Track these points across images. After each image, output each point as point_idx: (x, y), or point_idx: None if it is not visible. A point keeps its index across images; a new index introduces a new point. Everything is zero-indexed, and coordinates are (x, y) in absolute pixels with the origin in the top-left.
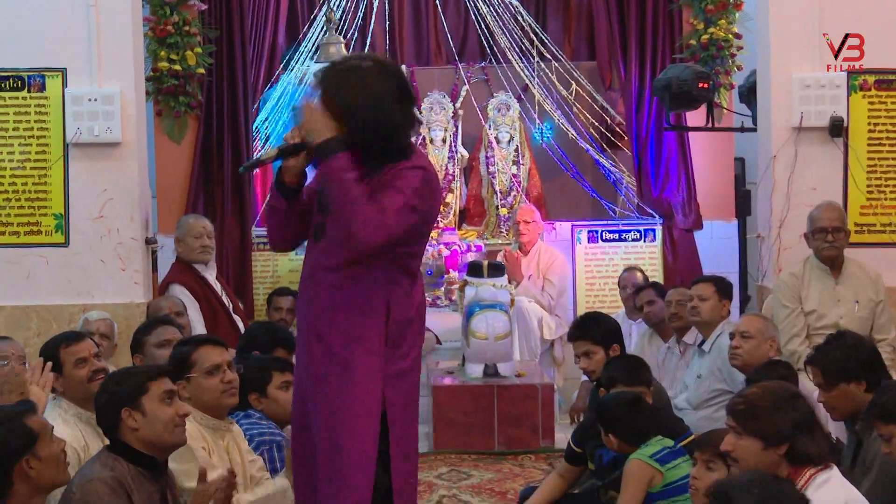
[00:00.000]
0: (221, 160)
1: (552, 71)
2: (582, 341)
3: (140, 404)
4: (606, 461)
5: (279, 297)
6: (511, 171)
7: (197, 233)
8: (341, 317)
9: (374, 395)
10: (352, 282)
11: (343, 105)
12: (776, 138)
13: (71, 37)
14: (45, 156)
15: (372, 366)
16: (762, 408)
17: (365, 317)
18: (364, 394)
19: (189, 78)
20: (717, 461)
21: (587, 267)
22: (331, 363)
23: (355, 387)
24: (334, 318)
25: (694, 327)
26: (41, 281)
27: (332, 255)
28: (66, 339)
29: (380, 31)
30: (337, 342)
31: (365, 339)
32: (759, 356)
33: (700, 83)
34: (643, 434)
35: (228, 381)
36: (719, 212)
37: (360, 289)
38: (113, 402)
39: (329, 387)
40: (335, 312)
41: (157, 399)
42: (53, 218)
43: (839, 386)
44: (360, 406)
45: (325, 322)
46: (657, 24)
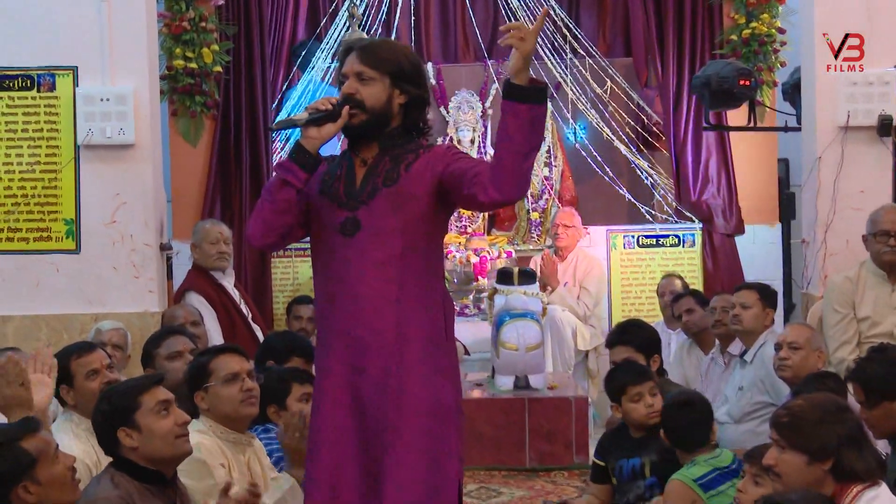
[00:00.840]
0: (239, 162)
1: (586, 68)
2: (622, 347)
3: (134, 421)
4: (626, 473)
5: (300, 305)
6: (543, 173)
7: (214, 238)
8: (403, 311)
9: (447, 394)
10: (413, 275)
11: (411, 65)
12: (821, 138)
13: (82, 34)
14: (55, 158)
15: (439, 363)
16: (807, 421)
17: (426, 309)
18: (437, 392)
19: (205, 76)
20: (765, 476)
21: (623, 274)
22: (391, 362)
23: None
24: (396, 312)
25: None
26: (51, 289)
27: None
28: (77, 349)
29: (405, 27)
30: (401, 340)
31: (429, 333)
32: (807, 368)
33: (741, 80)
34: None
35: (247, 389)
36: (762, 216)
37: (421, 282)
38: (107, 423)
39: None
40: (397, 306)
41: (152, 413)
42: (64, 223)
43: (882, 404)
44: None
45: (385, 318)
46: (696, 19)
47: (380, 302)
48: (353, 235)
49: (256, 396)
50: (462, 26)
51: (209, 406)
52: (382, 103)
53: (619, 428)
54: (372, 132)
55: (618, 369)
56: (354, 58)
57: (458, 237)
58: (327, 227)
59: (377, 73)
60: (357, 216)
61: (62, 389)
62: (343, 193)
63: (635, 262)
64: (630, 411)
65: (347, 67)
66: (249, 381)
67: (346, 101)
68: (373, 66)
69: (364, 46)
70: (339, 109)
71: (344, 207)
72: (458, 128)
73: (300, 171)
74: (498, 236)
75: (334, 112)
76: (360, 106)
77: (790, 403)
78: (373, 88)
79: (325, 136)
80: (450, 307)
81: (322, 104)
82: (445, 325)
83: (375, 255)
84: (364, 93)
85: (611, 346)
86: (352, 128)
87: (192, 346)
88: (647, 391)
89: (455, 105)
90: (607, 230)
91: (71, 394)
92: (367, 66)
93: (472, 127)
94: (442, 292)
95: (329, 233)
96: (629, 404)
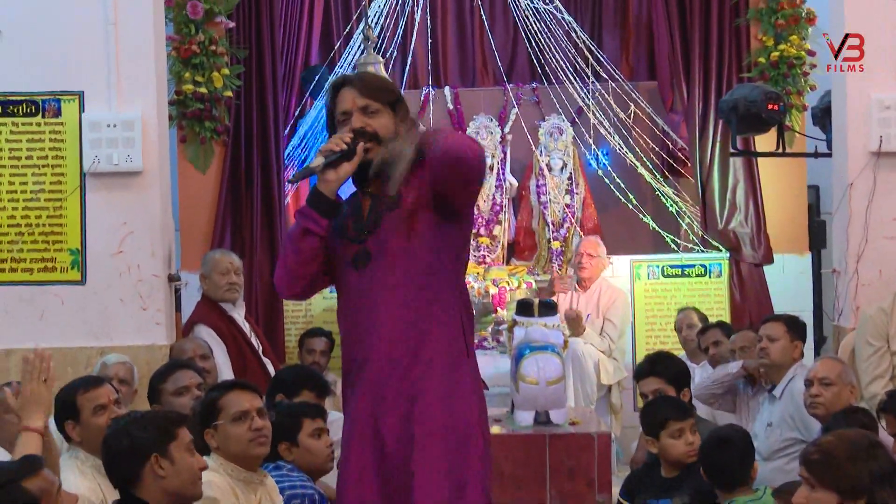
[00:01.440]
0: (250, 190)
1: (609, 92)
2: (653, 378)
3: (169, 451)
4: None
5: (312, 338)
6: (564, 200)
7: (224, 269)
8: (419, 334)
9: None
10: (425, 294)
11: (399, 92)
12: (853, 164)
13: (88, 58)
14: (60, 186)
15: (460, 381)
16: (838, 458)
17: (442, 326)
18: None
19: (216, 101)
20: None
21: (647, 305)
22: (414, 388)
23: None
24: (411, 336)
25: None
26: (56, 321)
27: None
28: (84, 384)
29: (422, 50)
30: (420, 364)
31: (449, 352)
32: (840, 404)
33: (770, 104)
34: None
35: (257, 428)
36: (791, 245)
37: (436, 301)
38: (138, 448)
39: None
40: (411, 329)
41: (184, 448)
42: (69, 254)
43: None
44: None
45: (401, 344)
46: (723, 41)
47: (394, 327)
48: (366, 267)
49: (267, 436)
50: (480, 49)
51: (219, 444)
52: (393, 133)
53: (648, 466)
54: (386, 164)
55: (658, 402)
56: (354, 93)
57: (477, 267)
58: (342, 266)
59: (380, 104)
60: (367, 247)
61: (68, 425)
62: (352, 228)
63: (660, 292)
64: (669, 447)
65: (348, 104)
66: (259, 419)
67: (359, 135)
68: (375, 97)
69: (361, 80)
70: (353, 147)
71: (354, 242)
72: None
73: (321, 219)
74: (517, 266)
75: (349, 150)
76: (374, 138)
77: (820, 440)
78: (382, 119)
79: (343, 178)
80: (469, 323)
81: (336, 145)
82: (465, 342)
83: (386, 280)
84: (375, 125)
85: (640, 378)
86: (368, 164)
87: (199, 381)
88: (688, 428)
89: (473, 131)
90: (631, 260)
91: (77, 429)
92: (371, 98)
93: (491, 153)
94: (460, 308)
95: (344, 270)
96: (668, 440)
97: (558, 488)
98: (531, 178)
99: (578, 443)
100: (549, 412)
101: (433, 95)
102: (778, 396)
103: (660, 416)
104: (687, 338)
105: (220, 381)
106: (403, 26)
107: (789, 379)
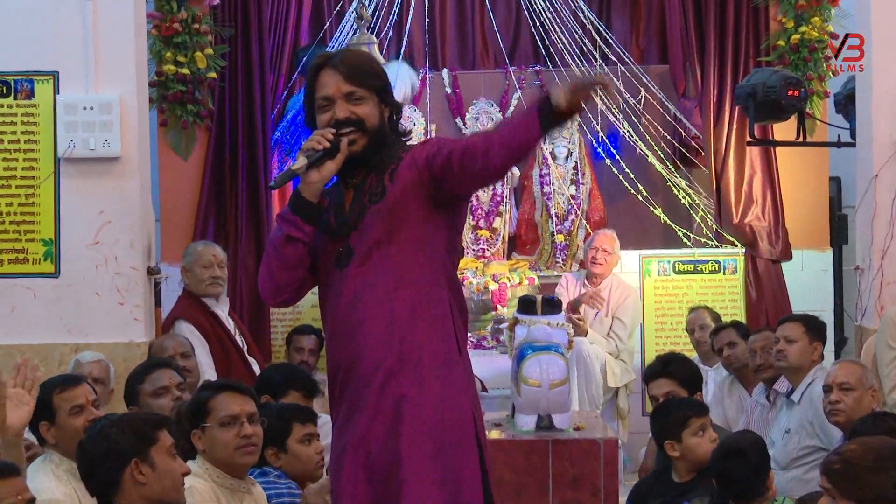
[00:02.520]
0: (235, 178)
1: (617, 76)
2: (665, 380)
3: (149, 456)
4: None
5: (300, 335)
6: (569, 191)
7: (207, 262)
8: (407, 332)
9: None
10: (409, 290)
11: (385, 74)
12: (878, 154)
13: (64, 35)
14: (33, 172)
15: (454, 380)
16: (861, 467)
17: (433, 326)
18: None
19: (199, 83)
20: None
21: (657, 304)
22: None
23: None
24: (399, 336)
25: None
26: (28, 316)
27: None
28: (61, 382)
29: (418, 30)
30: (407, 365)
31: (439, 352)
32: (861, 409)
33: (789, 90)
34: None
35: (245, 435)
36: (811, 240)
37: (422, 296)
38: (117, 453)
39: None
40: (397, 329)
41: (166, 451)
42: (42, 244)
43: None
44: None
45: (387, 344)
46: (739, 23)
47: (379, 328)
48: (349, 264)
49: (256, 444)
50: (481, 29)
51: (205, 447)
52: (378, 121)
53: (658, 473)
54: (371, 155)
55: (673, 402)
56: (338, 77)
57: (475, 262)
58: (326, 263)
59: (366, 90)
60: (350, 243)
61: (42, 426)
62: (334, 223)
63: (671, 290)
64: (694, 447)
65: (330, 89)
66: (249, 425)
67: (344, 126)
68: (361, 83)
69: (345, 63)
70: (337, 142)
71: (337, 237)
72: None
73: (304, 224)
74: (519, 261)
75: (333, 147)
76: (360, 128)
77: (842, 448)
78: (366, 107)
79: (327, 177)
80: (462, 321)
81: (318, 142)
82: (457, 340)
83: (367, 276)
84: (360, 113)
85: (651, 379)
86: (353, 155)
87: (179, 381)
88: (709, 424)
89: (473, 116)
90: (640, 255)
91: (52, 431)
92: (357, 84)
93: None
94: (451, 303)
95: (328, 268)
96: (693, 439)
97: (561, 497)
98: (534, 168)
99: (583, 449)
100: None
101: (430, 78)
102: (797, 401)
103: (679, 415)
104: (700, 339)
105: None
106: (399, 4)
107: (808, 383)
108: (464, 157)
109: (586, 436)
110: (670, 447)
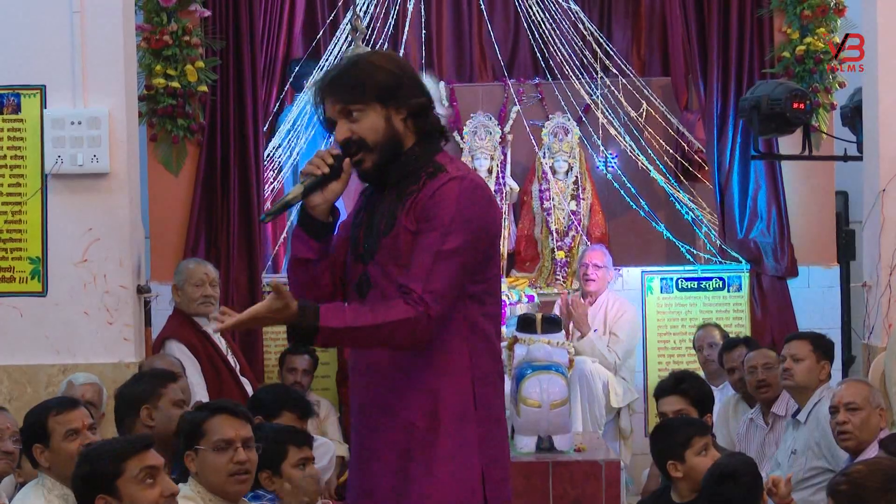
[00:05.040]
0: (227, 194)
1: (619, 88)
2: (677, 397)
3: (115, 489)
4: None
5: (293, 356)
6: (569, 207)
7: (198, 280)
8: (417, 381)
9: (472, 473)
10: None
11: (390, 74)
12: (885, 168)
13: (51, 48)
14: (19, 189)
15: (466, 437)
16: (869, 489)
17: (446, 376)
18: (460, 474)
19: (189, 97)
20: None
21: (660, 322)
22: (411, 441)
23: (448, 465)
24: (409, 384)
25: (785, 394)
26: (14, 336)
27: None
28: (57, 405)
29: (414, 42)
30: (416, 415)
31: (451, 404)
32: (869, 430)
33: (795, 103)
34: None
35: (239, 461)
36: (818, 256)
37: (436, 347)
38: (86, 489)
39: (412, 473)
40: (408, 377)
41: (136, 481)
42: (29, 262)
43: None
44: (457, 490)
45: (396, 391)
46: (743, 34)
47: (388, 372)
48: (365, 294)
49: (250, 471)
50: (479, 41)
51: (198, 470)
52: (384, 132)
53: (657, 494)
54: (389, 167)
55: (673, 422)
56: (332, 98)
57: None
58: (351, 283)
59: (362, 102)
60: (368, 271)
61: (36, 449)
62: (361, 242)
63: (674, 307)
64: (698, 466)
65: (329, 111)
66: (244, 451)
67: (345, 147)
68: (353, 98)
69: (333, 83)
70: (338, 164)
71: (360, 260)
72: (475, 156)
73: (312, 241)
74: (518, 279)
75: (333, 171)
76: (362, 147)
77: (849, 469)
78: (367, 121)
79: (332, 199)
80: (479, 371)
81: (317, 166)
82: (474, 392)
83: None
84: (360, 130)
85: (662, 396)
86: (366, 172)
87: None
88: (711, 444)
89: (471, 130)
90: (642, 272)
91: (46, 454)
92: (348, 101)
93: (490, 154)
94: (469, 352)
95: (351, 290)
96: (696, 458)
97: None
98: (533, 183)
99: (585, 471)
100: (552, 437)
101: None
102: (803, 421)
103: (682, 434)
104: (708, 357)
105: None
106: (394, 15)
107: (815, 402)
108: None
109: (588, 457)
110: (673, 467)
